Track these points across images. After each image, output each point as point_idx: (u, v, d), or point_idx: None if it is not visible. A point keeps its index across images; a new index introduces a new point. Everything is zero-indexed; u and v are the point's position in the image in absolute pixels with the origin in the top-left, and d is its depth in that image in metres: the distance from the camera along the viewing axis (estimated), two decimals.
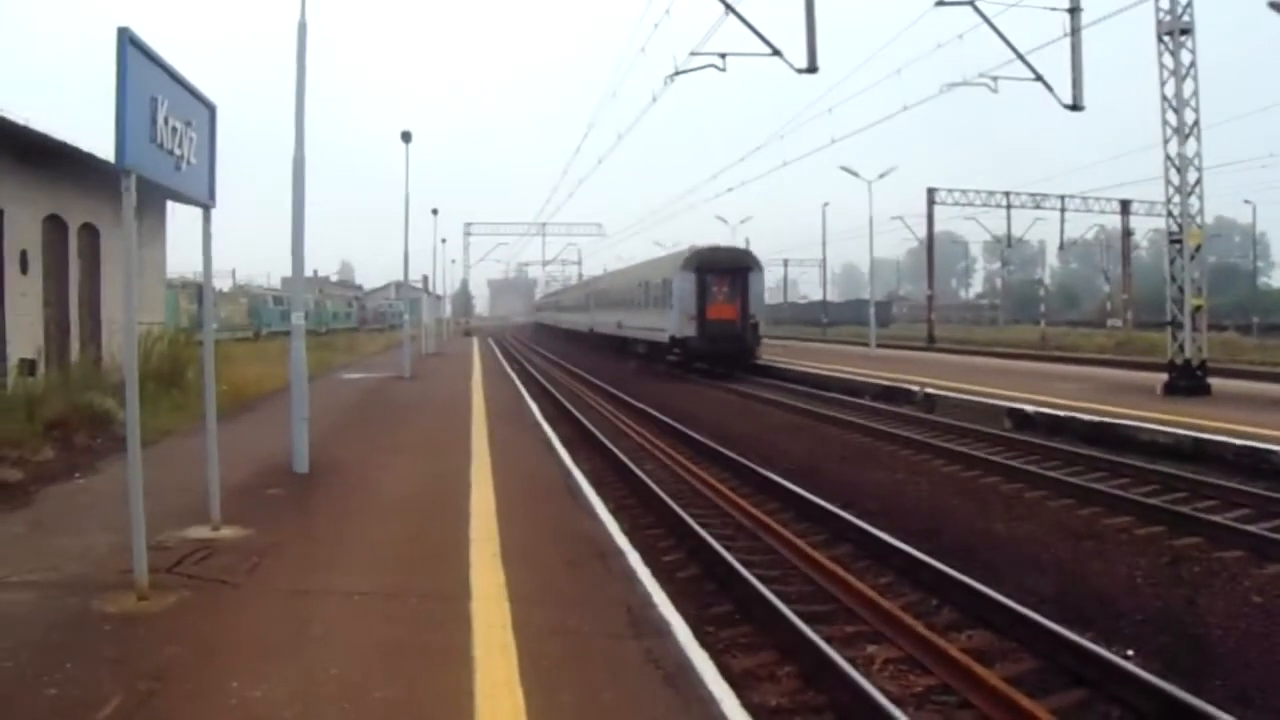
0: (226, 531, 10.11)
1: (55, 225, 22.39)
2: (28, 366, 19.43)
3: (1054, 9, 27.82)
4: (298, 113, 14.55)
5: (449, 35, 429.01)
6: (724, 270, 43.10)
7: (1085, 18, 27.83)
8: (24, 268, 20.70)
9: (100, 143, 19.11)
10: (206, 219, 10.36)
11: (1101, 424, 20.04)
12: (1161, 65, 25.08)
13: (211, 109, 9.81)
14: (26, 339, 20.43)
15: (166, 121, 8.38)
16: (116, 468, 13.67)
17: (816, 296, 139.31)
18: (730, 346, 41.95)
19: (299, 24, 14.58)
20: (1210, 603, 9.92)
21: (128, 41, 7.51)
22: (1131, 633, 9.10)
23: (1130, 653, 8.48)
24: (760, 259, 46.45)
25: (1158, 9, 24.99)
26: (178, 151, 8.74)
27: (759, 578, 10.30)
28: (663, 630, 7.34)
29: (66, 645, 6.77)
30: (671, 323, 43.56)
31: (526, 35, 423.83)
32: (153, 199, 22.24)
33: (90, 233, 24.12)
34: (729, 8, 25.65)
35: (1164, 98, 25.09)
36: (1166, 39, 24.89)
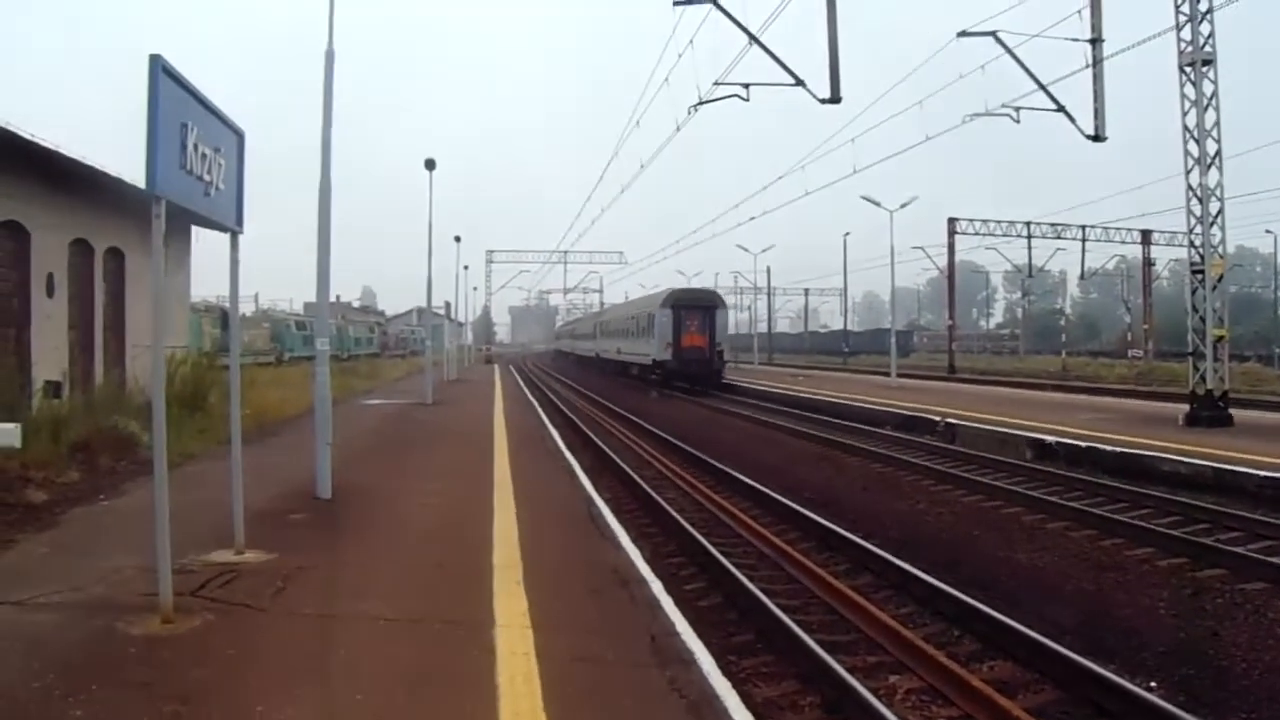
0: (250, 556, 10.16)
1: (81, 249, 22.57)
2: (53, 389, 19.52)
3: (1076, 40, 27.85)
4: (324, 141, 14.59)
5: (473, 63, 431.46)
6: (695, 307, 53.76)
7: (1107, 48, 27.88)
8: (50, 291, 20.85)
9: (125, 166, 19.31)
10: (234, 244, 10.43)
11: (1123, 454, 19.95)
12: (1183, 96, 25.08)
13: (240, 135, 9.88)
14: (52, 362, 20.55)
15: (196, 148, 8.44)
16: (140, 490, 13.77)
17: (837, 325, 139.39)
18: (700, 369, 51.96)
19: (326, 52, 14.58)
20: (1234, 635, 9.88)
21: (160, 69, 7.57)
22: (1154, 664, 9.08)
23: (1153, 684, 8.47)
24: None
25: (1179, 40, 25.01)
26: (207, 177, 8.81)
27: (783, 607, 10.32)
28: (686, 659, 7.35)
29: (92, 667, 6.80)
30: (654, 349, 53.56)
31: (551, 64, 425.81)
32: (178, 223, 22.39)
33: (115, 256, 24.30)
34: (753, 38, 25.73)
35: (1185, 128, 25.08)
36: (1188, 70, 24.90)
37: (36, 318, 20.27)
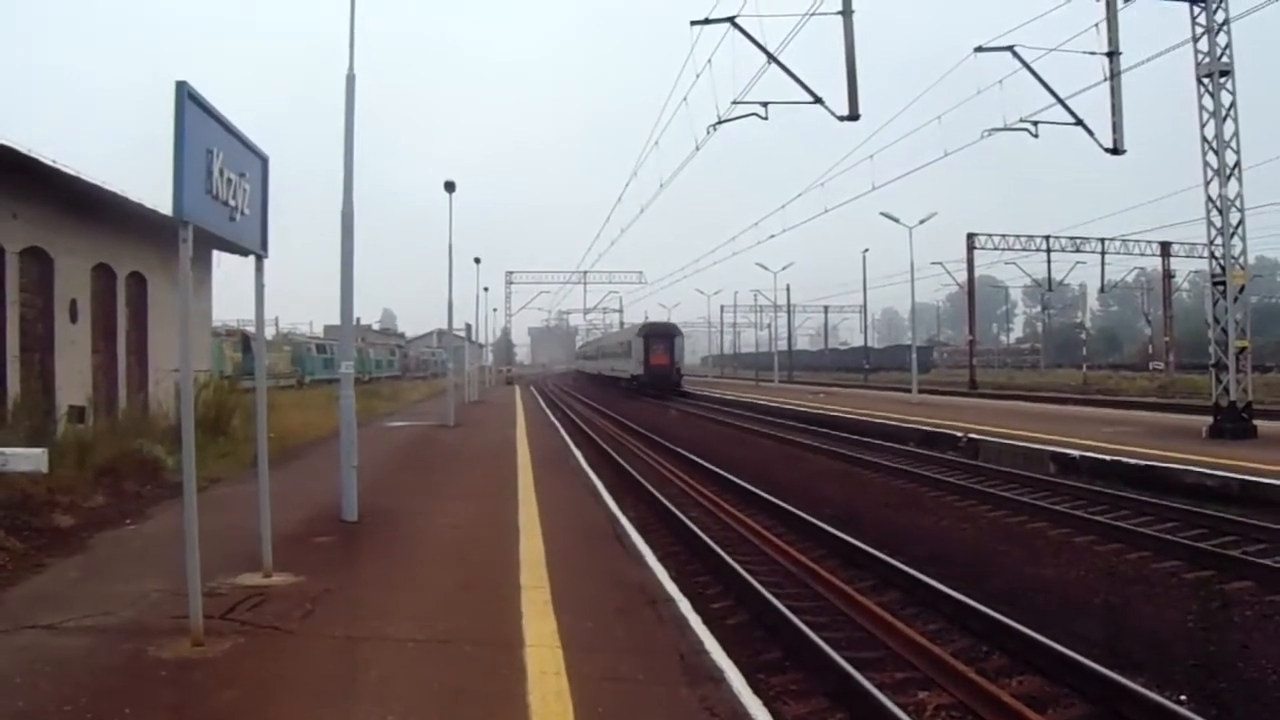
0: (278, 578, 10.20)
1: (104, 274, 22.69)
2: (77, 414, 19.62)
3: (1093, 53, 27.82)
4: (346, 165, 14.63)
5: (492, 84, 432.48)
6: (659, 335, 74.44)
7: (1124, 61, 27.85)
8: (73, 316, 20.98)
9: (147, 191, 19.44)
10: (259, 268, 10.47)
11: (1147, 467, 19.89)
12: (1201, 107, 25.07)
13: (264, 160, 9.92)
14: (76, 386, 20.67)
15: (222, 173, 8.49)
16: (166, 514, 13.85)
17: (857, 342, 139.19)
18: (662, 381, 70.88)
19: (347, 75, 14.60)
20: (1265, 647, 9.84)
21: (186, 96, 7.63)
22: (1184, 678, 9.03)
23: (1184, 698, 8.43)
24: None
25: (1196, 51, 25.01)
26: (232, 202, 8.86)
27: (808, 623, 10.33)
28: (716, 677, 7.37)
29: (123, 690, 6.84)
30: (631, 366, 75.29)
31: (569, 86, 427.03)
32: (200, 248, 22.50)
33: (138, 281, 24.42)
34: (771, 57, 25.79)
35: (1204, 139, 25.06)
36: (1206, 81, 24.89)
37: (60, 343, 20.39)
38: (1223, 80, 24.68)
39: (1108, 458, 21.20)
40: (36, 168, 17.62)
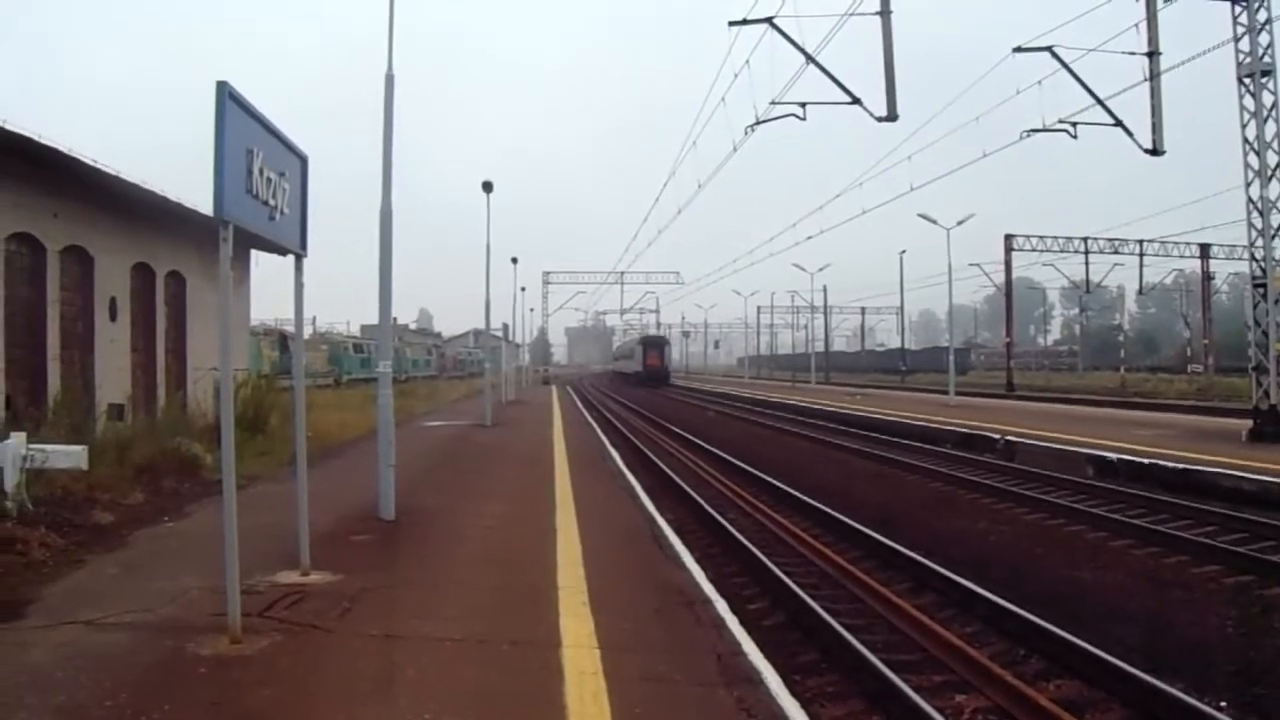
0: (316, 577, 10.25)
1: (143, 273, 22.89)
2: (116, 411, 19.77)
3: (1133, 53, 27.67)
4: (385, 165, 14.67)
5: (530, 85, 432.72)
6: (653, 344, 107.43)
7: (1164, 61, 27.69)
8: (113, 315, 21.17)
9: (187, 191, 19.57)
10: (298, 268, 10.55)
11: (1186, 471, 19.76)
12: (1242, 108, 24.90)
13: (303, 159, 9.98)
14: (115, 385, 20.86)
15: (262, 173, 8.53)
16: (204, 512, 13.93)
17: (893, 344, 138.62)
18: (655, 376, 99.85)
19: (386, 76, 14.63)
20: None
21: (227, 95, 7.66)
22: (1224, 684, 8.95)
23: (1224, 704, 8.36)
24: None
25: (1238, 51, 24.84)
26: (272, 202, 8.89)
27: (844, 625, 10.31)
28: (753, 678, 7.37)
29: (163, 687, 6.88)
30: (635, 365, 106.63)
31: (607, 86, 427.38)
32: (238, 247, 22.51)
33: (176, 280, 24.62)
34: (809, 58, 25.76)
35: (1245, 140, 24.88)
36: (1247, 81, 24.70)
37: (100, 341, 20.60)
38: (1264, 80, 24.49)
39: (1146, 461, 21.07)
40: (76, 167, 17.78)
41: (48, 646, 7.79)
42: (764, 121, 28.13)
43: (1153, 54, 27.60)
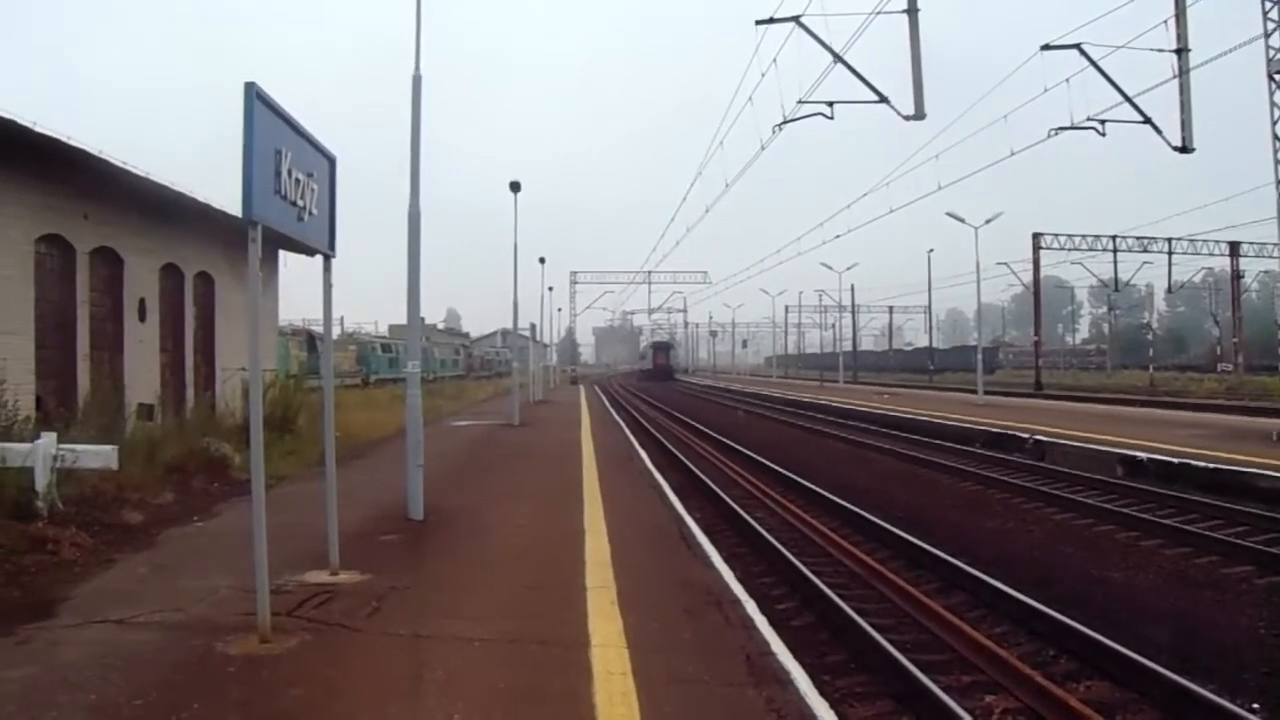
0: (345, 576, 10.30)
1: (171, 273, 23.00)
2: (146, 411, 19.89)
3: (1161, 50, 27.52)
4: (413, 166, 14.71)
5: (557, 83, 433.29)
6: (660, 347, 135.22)
7: (1193, 58, 27.50)
8: (142, 316, 21.28)
9: (214, 192, 19.66)
10: (327, 268, 10.56)
11: (1217, 470, 19.62)
12: (1272, 104, 24.74)
13: (331, 160, 10.02)
14: (145, 385, 20.96)
15: (290, 174, 8.58)
16: (233, 512, 14.02)
17: (921, 343, 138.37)
18: (662, 374, 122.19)
19: (414, 77, 14.67)
20: None
21: (255, 96, 7.70)
22: (1257, 685, 8.87)
23: (1256, 706, 8.30)
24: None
25: (1268, 47, 24.68)
26: (300, 202, 8.95)
27: (873, 625, 10.28)
28: (782, 679, 7.35)
29: (193, 685, 6.93)
30: (647, 364, 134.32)
31: (634, 85, 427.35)
32: (267, 248, 22.65)
33: (205, 280, 24.72)
34: (836, 56, 25.71)
35: (1275, 136, 24.71)
36: (1277, 76, 24.54)
37: (129, 341, 20.71)
38: None
39: (1176, 460, 20.94)
40: (106, 169, 17.87)
41: (79, 645, 7.87)
42: (791, 120, 28.11)
43: (1181, 50, 27.45)
